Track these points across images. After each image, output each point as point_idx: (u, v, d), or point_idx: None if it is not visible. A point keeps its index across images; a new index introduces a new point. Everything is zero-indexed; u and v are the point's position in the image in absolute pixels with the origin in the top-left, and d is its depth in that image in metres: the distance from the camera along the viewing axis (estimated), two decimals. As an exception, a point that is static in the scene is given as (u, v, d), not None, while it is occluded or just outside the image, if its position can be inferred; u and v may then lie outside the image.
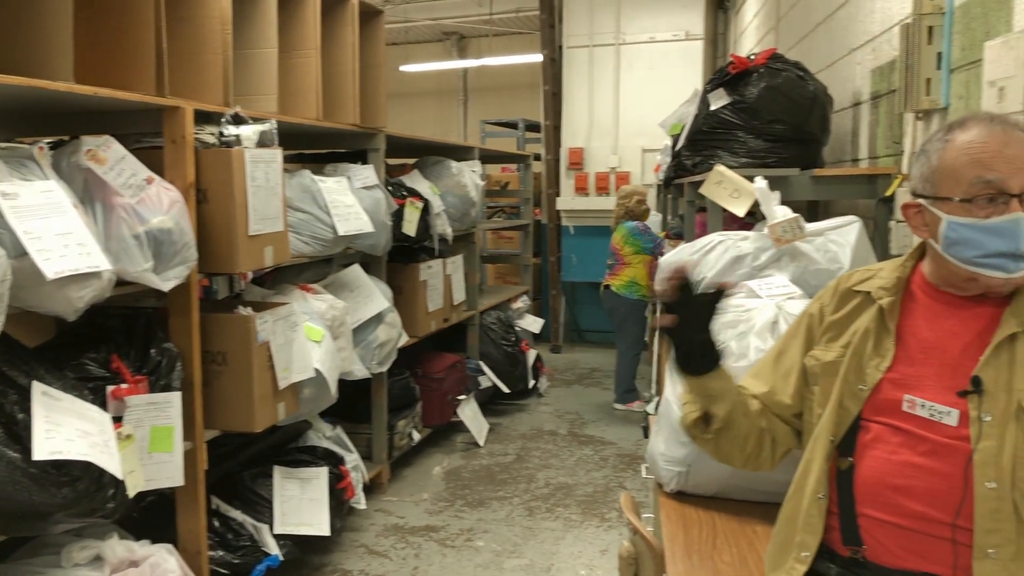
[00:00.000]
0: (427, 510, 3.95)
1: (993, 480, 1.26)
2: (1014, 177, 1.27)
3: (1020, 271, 1.29)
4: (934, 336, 1.39)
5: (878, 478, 1.36)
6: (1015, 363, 1.30)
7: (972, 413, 1.30)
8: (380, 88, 4.05)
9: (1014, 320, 1.32)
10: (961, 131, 1.33)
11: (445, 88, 11.41)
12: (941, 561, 1.30)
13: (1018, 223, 1.27)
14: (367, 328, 3.72)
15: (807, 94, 3.21)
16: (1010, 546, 1.25)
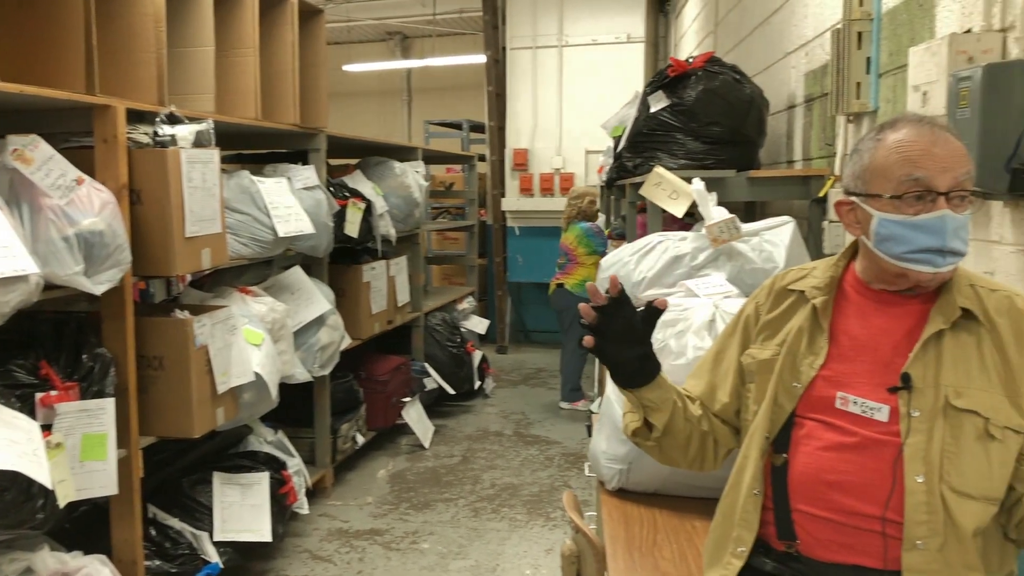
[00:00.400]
0: (372, 513, 3.92)
1: (922, 474, 1.30)
2: (941, 175, 1.32)
3: (947, 266, 1.33)
4: (866, 334, 1.42)
5: (811, 474, 1.39)
6: (942, 359, 1.34)
7: (902, 409, 1.34)
8: (321, 88, 4.01)
9: (940, 318, 1.36)
10: (892, 131, 1.38)
11: (389, 88, 11.34)
12: (871, 553, 1.34)
13: (944, 220, 1.31)
14: (309, 331, 3.68)
15: (743, 97, 3.28)
16: (937, 537, 1.29)
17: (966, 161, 1.34)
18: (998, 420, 1.30)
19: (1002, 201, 1.79)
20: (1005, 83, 1.63)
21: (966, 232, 1.34)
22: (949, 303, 1.37)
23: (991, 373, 1.33)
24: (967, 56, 1.80)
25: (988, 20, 1.82)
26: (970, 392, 1.32)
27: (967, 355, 1.34)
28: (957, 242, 1.32)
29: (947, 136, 1.35)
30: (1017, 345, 1.33)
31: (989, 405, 1.31)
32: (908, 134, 1.35)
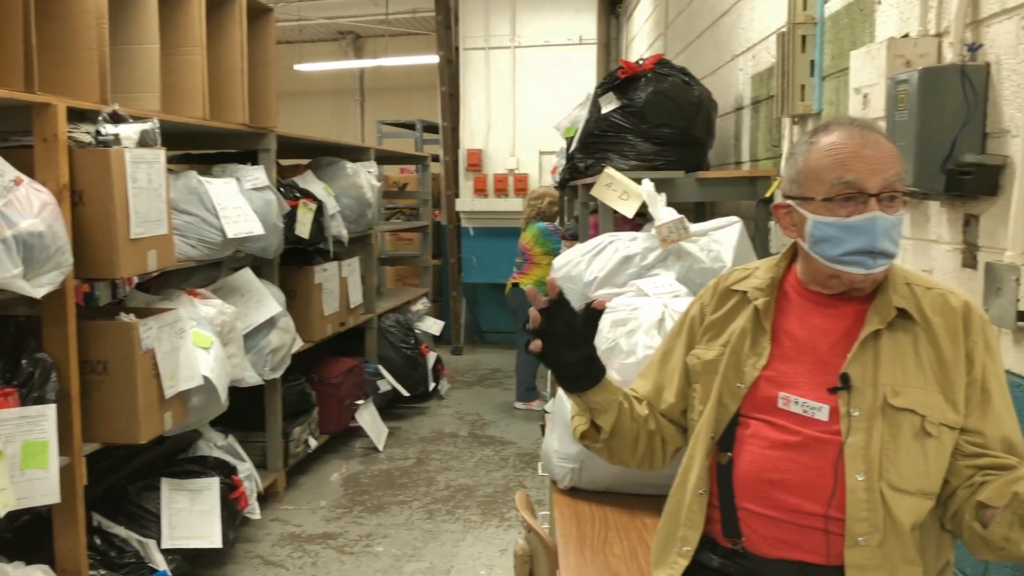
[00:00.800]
0: (325, 517, 3.88)
1: (862, 472, 1.33)
2: (871, 177, 1.34)
3: (878, 267, 1.36)
4: (806, 334, 1.45)
5: (756, 472, 1.41)
6: (880, 359, 1.37)
7: (841, 409, 1.36)
8: (271, 87, 3.96)
9: (877, 318, 1.39)
10: (824, 134, 1.40)
11: (341, 88, 11.25)
12: (814, 550, 1.36)
13: (875, 221, 1.34)
14: (259, 333, 3.63)
15: (692, 99, 3.32)
16: (878, 534, 1.31)
17: (897, 162, 1.36)
18: (934, 418, 1.33)
19: (939, 201, 1.84)
20: (940, 86, 1.68)
21: (898, 233, 1.37)
22: (885, 303, 1.39)
23: (927, 371, 1.36)
24: (905, 60, 1.85)
25: (924, 25, 1.87)
26: (907, 391, 1.34)
27: (904, 354, 1.37)
28: (887, 243, 1.35)
29: (877, 138, 1.37)
30: (951, 343, 1.36)
31: (925, 403, 1.34)
32: (839, 137, 1.37)
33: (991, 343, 1.38)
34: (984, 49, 1.68)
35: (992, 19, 1.66)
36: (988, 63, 1.67)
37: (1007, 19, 1.61)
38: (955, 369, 1.35)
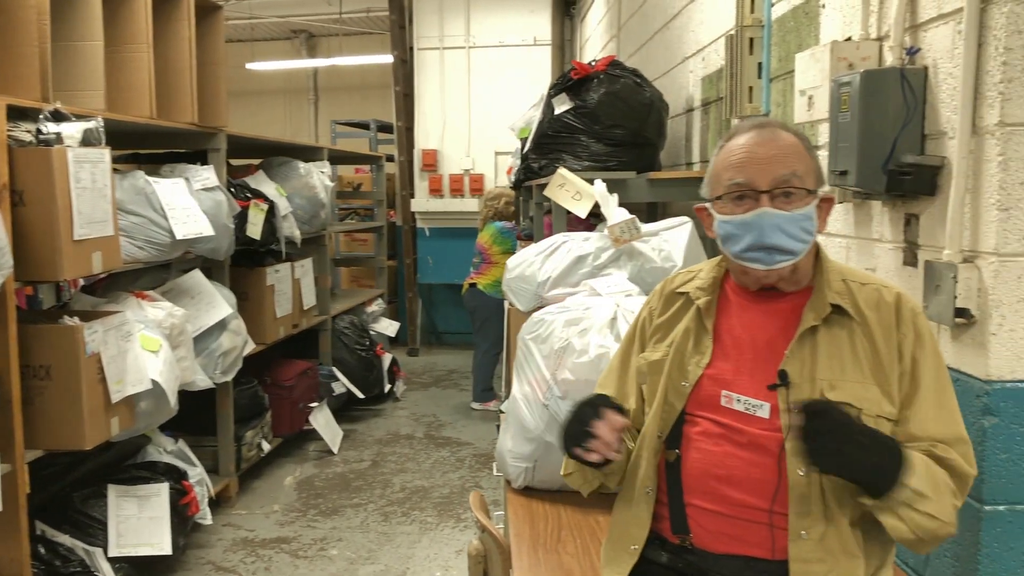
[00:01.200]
0: (278, 521, 3.83)
1: (803, 467, 1.35)
2: (761, 175, 1.39)
3: (777, 263, 1.40)
4: (746, 333, 1.48)
5: (703, 469, 1.44)
6: (817, 354, 1.40)
7: (781, 405, 1.39)
8: (220, 86, 3.90)
9: (812, 314, 1.42)
10: (731, 138, 1.47)
11: (294, 87, 11.12)
12: (760, 544, 1.39)
13: (761, 217, 1.38)
14: (210, 336, 3.57)
15: (644, 100, 3.35)
16: (819, 526, 1.34)
17: (793, 160, 1.40)
18: (871, 410, 1.36)
19: (881, 201, 1.89)
20: (881, 89, 1.72)
21: (797, 228, 1.39)
22: (821, 300, 1.43)
23: (863, 365, 1.39)
24: (847, 63, 1.89)
25: (866, 29, 1.92)
26: (843, 384, 1.38)
27: (840, 349, 1.40)
28: (779, 237, 1.38)
29: (776, 137, 1.42)
30: (885, 336, 1.40)
31: (862, 396, 1.37)
32: (738, 140, 1.44)
33: (923, 335, 1.41)
34: (922, 53, 1.73)
35: (929, 24, 1.70)
36: (926, 66, 1.71)
37: (943, 24, 1.65)
38: (889, 362, 1.39)
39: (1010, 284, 1.51)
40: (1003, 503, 1.53)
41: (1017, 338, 1.52)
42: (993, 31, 1.51)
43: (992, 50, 1.51)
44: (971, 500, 1.56)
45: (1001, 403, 1.52)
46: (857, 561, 1.35)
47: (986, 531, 1.54)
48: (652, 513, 1.48)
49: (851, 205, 2.05)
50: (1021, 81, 1.48)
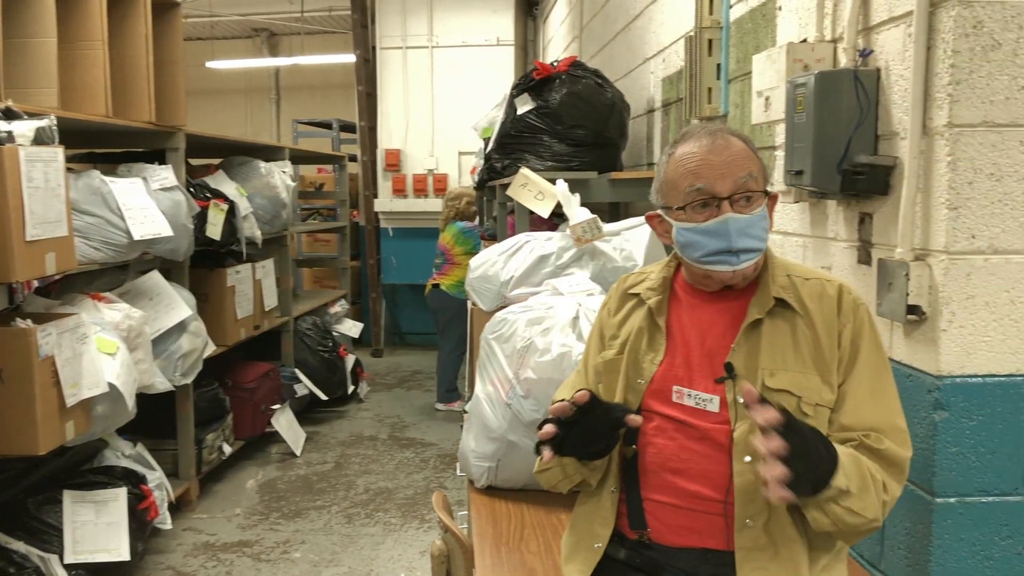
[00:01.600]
0: (240, 525, 3.79)
1: (748, 455, 1.38)
2: (720, 182, 1.42)
3: (743, 263, 1.43)
4: (695, 330, 1.51)
5: (658, 463, 1.46)
6: (760, 347, 1.44)
7: (728, 397, 1.43)
8: (179, 84, 3.85)
9: (757, 308, 1.46)
10: (679, 145, 1.49)
11: (256, 86, 11.00)
12: (716, 536, 1.41)
13: (727, 223, 1.41)
14: (169, 338, 3.52)
15: (605, 101, 3.37)
16: (764, 514, 1.37)
17: (747, 164, 1.43)
18: (810, 398, 1.40)
19: (835, 200, 1.92)
20: (835, 90, 1.75)
21: (758, 228, 1.43)
22: (765, 294, 1.47)
23: (805, 356, 1.43)
24: (803, 64, 1.92)
25: (821, 31, 1.95)
26: (783, 373, 1.41)
27: (783, 341, 1.44)
28: (745, 240, 1.42)
29: (727, 143, 1.44)
30: (826, 327, 1.44)
31: (802, 385, 1.40)
32: (690, 147, 1.46)
33: (862, 325, 1.44)
34: (875, 55, 1.76)
35: (881, 26, 1.74)
36: (879, 68, 1.75)
37: (895, 27, 1.68)
38: (830, 352, 1.42)
39: (959, 282, 1.55)
40: (953, 495, 1.57)
41: (966, 334, 1.56)
42: (942, 34, 1.55)
43: (941, 52, 1.55)
44: (922, 493, 1.60)
45: (951, 398, 1.56)
46: (799, 546, 1.38)
47: (937, 523, 1.57)
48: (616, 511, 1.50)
49: (807, 204, 2.09)
50: (969, 83, 1.52)
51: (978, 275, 1.55)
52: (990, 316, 1.55)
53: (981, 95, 1.52)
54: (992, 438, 1.56)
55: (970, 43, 1.52)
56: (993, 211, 1.54)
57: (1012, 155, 1.54)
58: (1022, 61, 1.53)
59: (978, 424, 1.56)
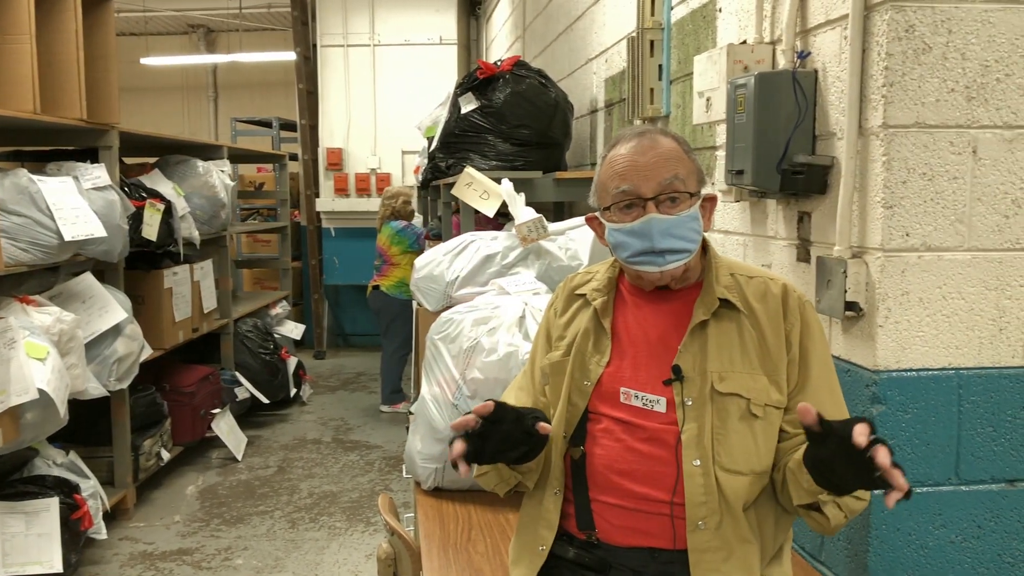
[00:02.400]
0: (180, 533, 3.70)
1: (698, 458, 1.39)
2: (645, 183, 1.43)
3: (670, 264, 1.44)
4: (640, 331, 1.51)
5: (606, 465, 1.46)
6: (707, 348, 1.44)
7: (676, 399, 1.43)
8: (111, 81, 3.73)
9: (702, 309, 1.47)
10: (612, 148, 1.50)
11: (193, 84, 10.77)
12: (662, 536, 1.42)
13: (650, 223, 1.42)
14: (103, 342, 3.41)
15: (549, 100, 3.38)
16: (715, 516, 1.38)
17: (674, 165, 1.43)
18: (759, 399, 1.41)
19: (775, 199, 1.95)
20: (774, 91, 1.79)
21: (685, 229, 1.43)
22: (710, 295, 1.47)
23: (751, 355, 1.44)
24: (743, 65, 1.96)
25: (760, 33, 1.99)
26: (732, 376, 1.42)
27: (730, 341, 1.44)
28: (669, 241, 1.42)
29: (655, 143, 1.45)
30: (772, 326, 1.45)
31: (750, 386, 1.41)
32: (619, 149, 1.47)
33: (810, 323, 1.46)
34: (812, 57, 1.80)
35: (818, 29, 1.77)
36: (816, 70, 1.78)
37: (831, 30, 1.72)
38: (777, 351, 1.44)
39: (895, 278, 1.59)
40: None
41: (901, 330, 1.60)
42: (876, 37, 1.59)
43: (875, 55, 1.59)
44: (861, 485, 1.64)
45: (888, 392, 1.60)
46: (752, 547, 1.40)
47: (875, 514, 1.62)
48: (560, 512, 1.49)
49: (747, 204, 2.12)
50: (902, 85, 1.56)
51: (912, 272, 1.59)
52: (924, 311, 1.60)
53: (913, 97, 1.57)
54: (926, 430, 1.61)
55: (903, 46, 1.56)
56: (926, 209, 1.59)
57: (942, 155, 1.59)
58: (951, 64, 1.57)
59: (913, 417, 1.61)
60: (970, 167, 1.59)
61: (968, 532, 1.64)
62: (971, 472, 1.63)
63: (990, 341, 1.62)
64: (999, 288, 1.62)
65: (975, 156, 1.59)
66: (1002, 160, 1.60)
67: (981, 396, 1.62)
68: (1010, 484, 1.65)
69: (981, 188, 1.60)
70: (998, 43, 1.58)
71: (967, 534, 1.64)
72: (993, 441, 1.63)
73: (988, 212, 1.60)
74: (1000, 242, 1.61)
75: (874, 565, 1.63)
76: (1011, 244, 1.62)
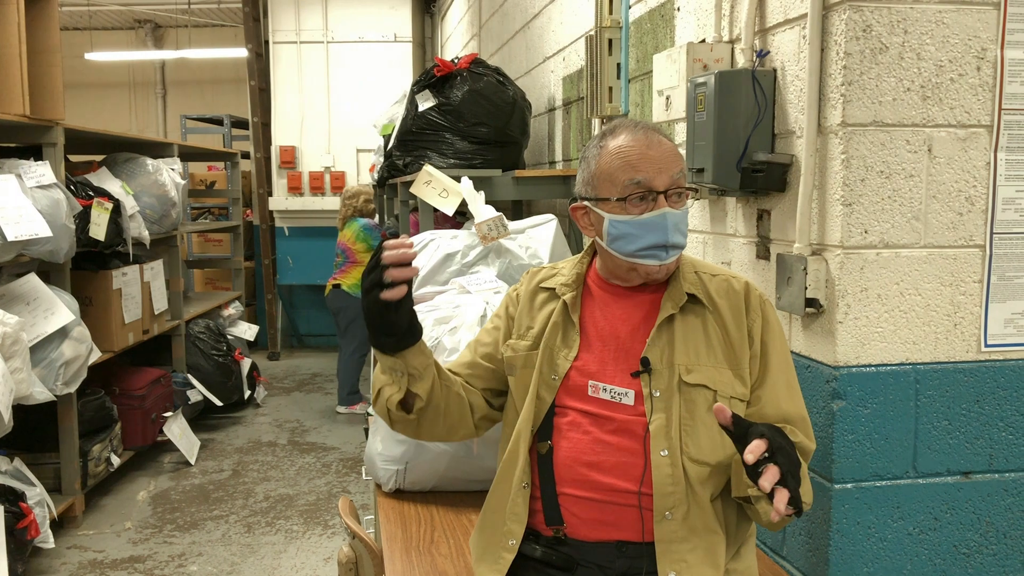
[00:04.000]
0: (131, 540, 3.60)
1: (665, 448, 1.41)
2: (659, 176, 1.43)
3: (670, 258, 1.46)
4: (609, 325, 1.52)
5: (574, 457, 1.46)
6: (674, 341, 1.46)
7: (644, 391, 1.44)
8: (56, 76, 3.62)
9: (670, 304, 1.48)
10: (612, 138, 1.48)
11: (140, 80, 10.53)
12: (630, 528, 1.42)
13: (665, 217, 1.43)
14: (49, 345, 3.31)
15: (507, 99, 3.37)
16: (682, 506, 1.40)
17: (679, 160, 1.46)
18: (725, 392, 1.43)
19: (735, 197, 1.97)
20: (734, 89, 1.80)
21: (685, 225, 1.48)
22: (677, 290, 1.49)
23: (716, 349, 1.46)
24: (702, 64, 1.97)
25: (719, 32, 2.00)
26: (699, 368, 1.44)
27: (695, 335, 1.47)
28: (678, 236, 1.45)
29: (660, 139, 1.47)
30: (735, 322, 1.48)
31: (716, 379, 1.44)
32: (626, 140, 1.46)
33: (770, 320, 1.50)
34: (771, 56, 1.81)
35: (777, 28, 1.79)
36: (775, 68, 1.80)
37: (789, 29, 1.74)
38: (740, 346, 1.46)
39: (854, 275, 1.61)
40: (851, 481, 1.64)
41: (860, 326, 1.62)
42: (834, 36, 1.61)
43: (834, 54, 1.61)
44: (821, 479, 1.66)
45: (848, 387, 1.62)
46: (718, 537, 1.41)
47: (836, 508, 1.64)
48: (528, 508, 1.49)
49: (707, 202, 2.13)
50: (860, 84, 1.58)
51: (871, 268, 1.62)
52: (882, 308, 1.62)
53: (871, 96, 1.59)
54: (885, 424, 1.64)
55: (860, 46, 1.58)
56: (883, 207, 1.61)
57: (899, 154, 1.61)
58: (907, 64, 1.60)
59: (872, 412, 1.63)
60: (926, 165, 1.62)
61: (925, 524, 1.67)
62: (928, 465, 1.66)
63: (945, 336, 1.65)
64: (954, 284, 1.65)
65: (930, 154, 1.62)
66: (956, 158, 1.63)
67: (937, 390, 1.65)
68: (965, 476, 1.68)
69: (936, 186, 1.62)
70: (951, 43, 1.61)
71: (924, 526, 1.67)
72: (948, 435, 1.66)
73: (943, 209, 1.63)
74: (954, 239, 1.64)
75: (835, 558, 1.65)
76: (965, 241, 1.65)
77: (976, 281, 1.66)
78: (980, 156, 1.64)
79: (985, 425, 1.67)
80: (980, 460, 1.68)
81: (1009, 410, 1.68)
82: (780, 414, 1.44)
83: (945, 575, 1.69)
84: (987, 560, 1.70)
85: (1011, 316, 1.68)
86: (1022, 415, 1.69)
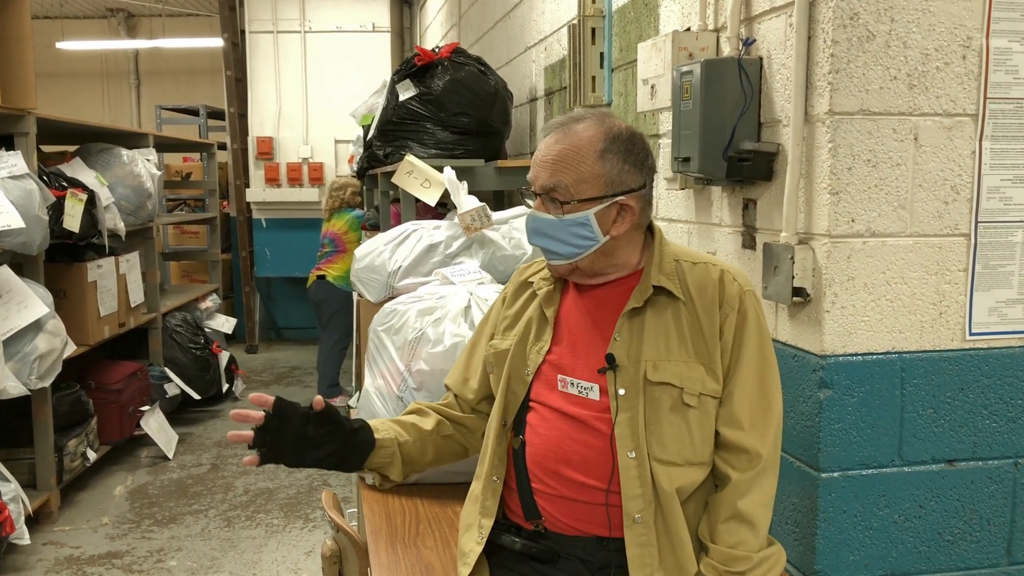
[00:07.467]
0: (108, 535, 3.56)
1: (632, 449, 1.38)
2: (537, 178, 1.45)
3: (551, 260, 1.48)
4: (580, 318, 1.51)
5: (544, 453, 1.45)
6: (643, 336, 1.43)
7: (610, 389, 1.41)
8: (27, 65, 3.55)
9: (636, 297, 1.45)
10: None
11: (114, 70, 10.36)
12: (603, 525, 1.40)
13: (529, 219, 1.47)
14: (23, 338, 3.26)
15: (488, 88, 3.35)
16: (651, 507, 1.37)
17: (567, 167, 1.42)
18: (693, 388, 1.39)
19: (721, 186, 1.96)
20: (720, 78, 1.78)
21: (564, 233, 1.43)
22: (645, 283, 1.46)
23: (688, 344, 1.42)
24: (688, 52, 1.95)
25: (704, 20, 1.98)
26: (667, 364, 1.40)
27: (666, 329, 1.43)
28: (540, 239, 1.46)
29: (568, 138, 1.43)
30: (708, 315, 1.43)
31: (684, 375, 1.40)
32: (543, 137, 1.49)
33: (746, 312, 1.44)
34: (757, 44, 1.80)
35: (763, 16, 1.78)
36: (761, 57, 1.79)
37: (776, 17, 1.73)
38: (712, 340, 1.42)
39: (841, 264, 1.61)
40: (837, 470, 1.64)
41: (847, 315, 1.62)
42: (821, 24, 1.60)
43: (821, 42, 1.60)
44: (809, 469, 1.66)
45: (834, 376, 1.62)
46: (688, 540, 1.39)
47: (822, 497, 1.64)
48: (499, 502, 1.48)
49: (692, 191, 2.13)
50: (847, 72, 1.58)
51: (857, 257, 1.61)
52: (868, 296, 1.62)
53: (858, 84, 1.58)
54: (871, 413, 1.64)
55: (847, 34, 1.57)
56: (870, 196, 1.61)
57: (886, 142, 1.61)
58: (894, 52, 1.59)
59: (859, 400, 1.63)
60: (912, 154, 1.62)
61: (910, 512, 1.68)
62: (913, 453, 1.67)
63: (931, 325, 1.66)
64: (939, 273, 1.65)
65: (916, 143, 1.62)
66: (941, 147, 1.63)
67: (922, 379, 1.66)
68: (949, 464, 1.69)
69: (922, 175, 1.63)
70: (937, 32, 1.61)
71: (909, 514, 1.68)
72: (933, 423, 1.67)
73: (928, 198, 1.63)
74: (940, 228, 1.65)
75: (821, 547, 1.65)
76: (950, 230, 1.65)
77: (961, 270, 1.66)
78: (965, 145, 1.64)
79: (969, 413, 1.68)
80: (964, 448, 1.69)
81: (993, 398, 1.69)
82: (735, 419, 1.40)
83: (930, 562, 1.70)
84: (970, 547, 1.71)
85: (995, 305, 1.69)
86: (1005, 403, 1.69)
